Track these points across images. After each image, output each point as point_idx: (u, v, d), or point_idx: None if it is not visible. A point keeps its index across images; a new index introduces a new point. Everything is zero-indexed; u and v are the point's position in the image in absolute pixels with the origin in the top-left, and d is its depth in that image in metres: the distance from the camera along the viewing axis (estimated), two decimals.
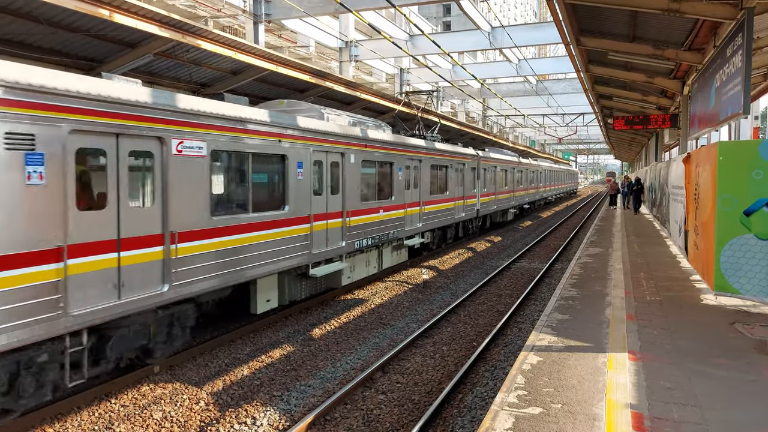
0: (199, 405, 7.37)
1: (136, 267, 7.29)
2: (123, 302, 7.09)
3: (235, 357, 9.06)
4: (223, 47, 11.22)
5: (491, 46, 26.63)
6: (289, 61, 13.26)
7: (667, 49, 12.92)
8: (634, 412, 4.84)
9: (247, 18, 21.09)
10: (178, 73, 12.98)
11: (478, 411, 7.19)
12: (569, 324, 7.62)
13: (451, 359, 9.25)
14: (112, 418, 6.91)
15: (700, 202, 9.40)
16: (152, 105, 7.51)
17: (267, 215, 9.83)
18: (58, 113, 6.36)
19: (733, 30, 8.85)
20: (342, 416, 7.11)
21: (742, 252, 7.93)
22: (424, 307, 12.71)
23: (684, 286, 10.13)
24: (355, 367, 8.86)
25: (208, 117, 8.48)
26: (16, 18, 9.09)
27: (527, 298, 13.39)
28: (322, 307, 12.26)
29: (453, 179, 20.28)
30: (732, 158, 7.95)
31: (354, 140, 12.83)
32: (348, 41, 26.46)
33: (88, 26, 9.78)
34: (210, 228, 8.52)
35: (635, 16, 11.32)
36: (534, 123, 48.82)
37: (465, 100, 44.10)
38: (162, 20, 9.75)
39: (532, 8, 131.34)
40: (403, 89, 32.26)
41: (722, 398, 5.13)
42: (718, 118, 10.31)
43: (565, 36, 12.90)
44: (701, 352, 6.41)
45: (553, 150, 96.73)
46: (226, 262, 8.83)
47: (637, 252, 14.37)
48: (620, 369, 5.86)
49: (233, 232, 9.03)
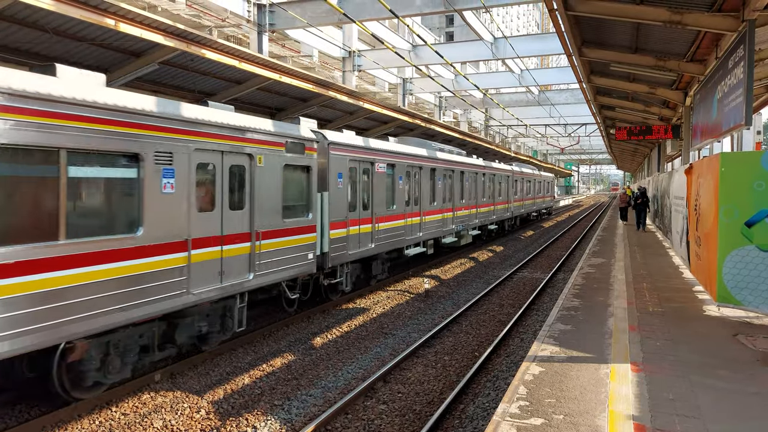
0: (200, 414, 7.35)
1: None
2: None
3: (236, 366, 9.04)
4: (227, 56, 11.29)
5: (494, 57, 26.75)
6: (292, 71, 13.33)
7: (670, 60, 12.98)
8: (636, 423, 4.82)
9: (251, 28, 21.23)
10: (182, 82, 13.06)
11: (480, 421, 7.16)
12: (571, 334, 7.60)
13: (452, 369, 9.22)
14: (112, 426, 6.89)
15: (702, 212, 9.40)
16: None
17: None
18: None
19: (735, 42, 8.89)
20: (343, 426, 7.08)
21: (744, 263, 7.92)
22: (426, 316, 12.68)
23: (686, 297, 10.10)
24: (356, 376, 8.83)
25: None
26: (22, 27, 9.17)
27: (529, 308, 13.35)
28: (324, 315, 12.24)
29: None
30: (734, 169, 7.96)
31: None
32: (351, 51, 26.60)
33: (93, 35, 9.86)
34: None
35: (637, 27, 11.38)
36: (536, 133, 48.89)
37: (467, 110, 44.23)
38: (167, 30, 9.82)
39: (534, 19, 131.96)
40: (405, 99, 32.38)
41: (725, 410, 5.10)
42: (720, 129, 10.33)
43: (568, 47, 12.96)
44: (704, 364, 6.38)
45: (556, 160, 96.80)
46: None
47: (639, 262, 14.34)
48: (623, 380, 5.84)
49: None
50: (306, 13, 20.43)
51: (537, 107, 40.18)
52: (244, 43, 25.57)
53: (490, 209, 26.44)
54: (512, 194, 31.14)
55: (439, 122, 23.50)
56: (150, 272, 7.53)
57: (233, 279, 9.08)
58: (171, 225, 7.87)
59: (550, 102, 38.60)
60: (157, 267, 7.65)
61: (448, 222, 19.92)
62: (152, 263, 7.57)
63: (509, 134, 54.95)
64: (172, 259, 7.90)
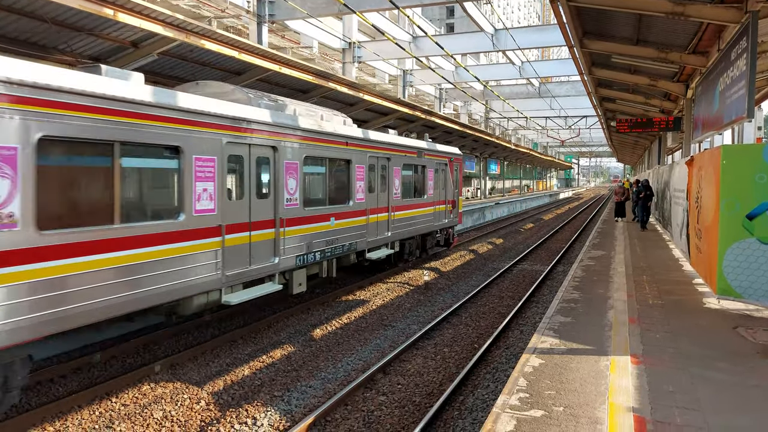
0: (200, 405, 7.36)
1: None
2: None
3: (236, 357, 9.05)
4: (226, 47, 11.23)
5: (494, 48, 26.64)
6: (292, 62, 13.27)
7: (671, 52, 12.91)
8: (636, 415, 4.82)
9: (251, 19, 21.11)
10: (181, 73, 13.00)
11: (480, 413, 7.17)
12: (571, 327, 7.60)
13: (452, 361, 9.24)
14: (112, 417, 6.90)
15: (703, 205, 9.38)
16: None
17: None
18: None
19: (738, 33, 8.84)
20: (342, 417, 7.10)
21: (744, 256, 7.91)
22: (426, 308, 12.69)
23: (686, 290, 10.10)
24: (356, 368, 8.84)
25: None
26: (21, 16, 9.11)
27: (529, 301, 13.36)
28: (324, 307, 12.25)
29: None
30: (735, 162, 7.94)
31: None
32: (351, 42, 26.47)
33: (92, 25, 9.80)
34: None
35: (639, 19, 11.31)
36: (537, 125, 48.79)
37: (467, 102, 44.10)
38: (166, 20, 9.77)
39: (535, 11, 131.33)
40: (405, 91, 32.27)
41: (725, 403, 5.11)
42: (721, 121, 10.29)
43: (569, 38, 12.89)
44: (704, 356, 6.39)
45: (556, 152, 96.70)
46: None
47: (639, 255, 14.34)
48: (622, 372, 5.84)
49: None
50: (306, 3, 20.32)
51: (537, 99, 40.07)
52: (243, 34, 25.44)
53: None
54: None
55: (439, 114, 23.44)
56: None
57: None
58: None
59: (551, 94, 38.50)
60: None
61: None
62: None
63: (510, 126, 54.85)
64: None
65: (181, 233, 7.89)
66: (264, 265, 9.66)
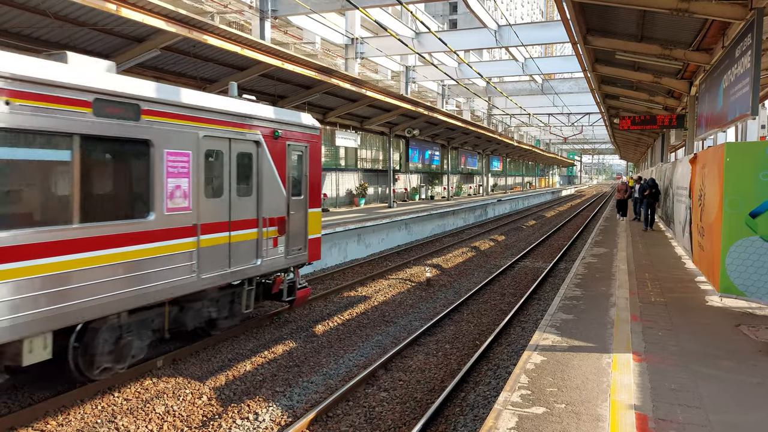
0: (202, 400, 7.38)
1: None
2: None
3: (238, 352, 9.07)
4: (229, 43, 11.21)
5: (497, 45, 26.57)
6: (295, 58, 13.25)
7: (675, 49, 12.85)
8: (638, 413, 4.81)
9: (254, 14, 21.08)
10: (184, 68, 12.99)
11: (481, 410, 7.18)
12: (573, 324, 7.59)
13: (454, 358, 9.24)
14: (115, 412, 6.92)
15: (706, 203, 9.35)
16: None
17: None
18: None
19: (743, 30, 8.79)
20: (344, 413, 7.11)
21: (747, 254, 7.89)
22: (428, 305, 12.70)
23: (689, 288, 10.08)
24: (357, 364, 8.85)
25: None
26: (23, 11, 9.10)
27: (531, 298, 13.35)
28: (326, 303, 12.26)
29: None
30: (739, 159, 7.91)
31: None
32: (354, 38, 26.42)
33: (95, 20, 9.79)
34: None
35: (643, 15, 11.26)
36: (539, 122, 48.69)
37: (470, 98, 44.02)
38: (168, 15, 9.75)
39: (539, 7, 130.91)
40: (408, 87, 32.22)
41: (727, 401, 5.10)
42: (725, 119, 10.25)
43: (573, 35, 12.84)
44: (706, 354, 6.38)
45: (559, 150, 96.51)
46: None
47: (641, 252, 14.32)
48: (624, 370, 5.83)
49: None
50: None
51: (540, 96, 40.00)
52: (246, 30, 25.38)
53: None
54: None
55: (442, 110, 23.40)
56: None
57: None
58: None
59: (554, 91, 38.40)
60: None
61: None
62: None
63: (512, 123, 54.75)
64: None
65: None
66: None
